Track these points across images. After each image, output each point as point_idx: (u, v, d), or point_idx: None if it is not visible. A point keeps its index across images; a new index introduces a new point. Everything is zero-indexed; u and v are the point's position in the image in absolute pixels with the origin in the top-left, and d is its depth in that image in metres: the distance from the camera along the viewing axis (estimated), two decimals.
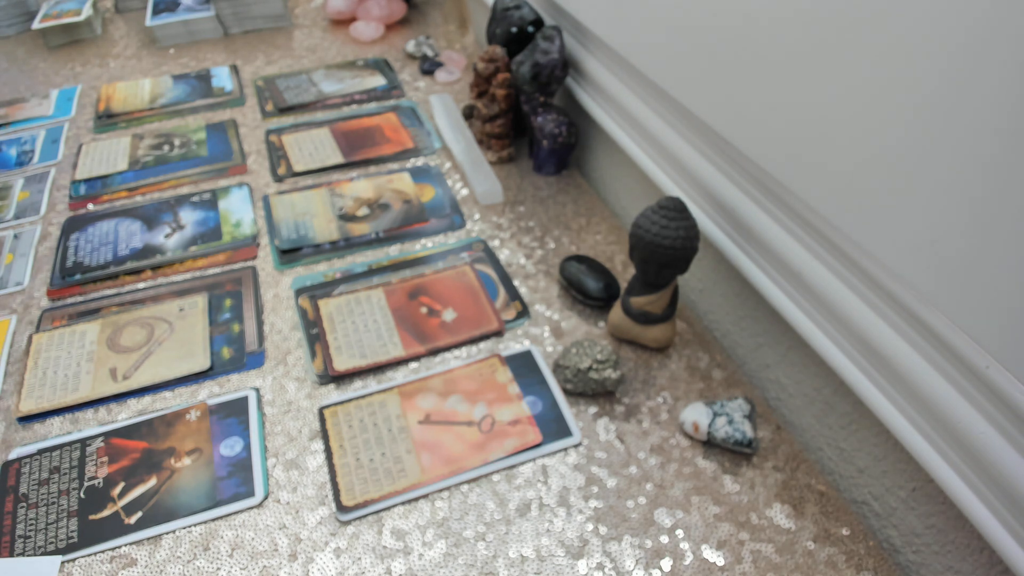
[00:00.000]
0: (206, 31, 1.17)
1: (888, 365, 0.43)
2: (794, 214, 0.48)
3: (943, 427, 0.40)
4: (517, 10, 0.82)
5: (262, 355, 0.61)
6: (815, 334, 0.49)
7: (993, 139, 0.32)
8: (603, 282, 0.63)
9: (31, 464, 0.53)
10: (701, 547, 0.47)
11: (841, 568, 0.46)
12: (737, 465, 0.52)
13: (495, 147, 0.84)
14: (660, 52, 0.59)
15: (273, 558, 0.47)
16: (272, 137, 0.90)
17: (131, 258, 0.71)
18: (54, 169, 0.86)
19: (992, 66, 0.31)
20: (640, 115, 0.66)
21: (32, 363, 0.60)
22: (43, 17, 1.14)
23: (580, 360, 0.55)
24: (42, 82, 1.07)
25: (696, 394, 0.57)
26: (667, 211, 0.52)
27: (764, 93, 0.47)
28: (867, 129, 0.39)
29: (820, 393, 0.53)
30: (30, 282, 0.69)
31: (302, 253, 0.71)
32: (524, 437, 0.53)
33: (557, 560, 0.46)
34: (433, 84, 1.02)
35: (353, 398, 0.57)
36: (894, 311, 0.42)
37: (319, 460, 0.53)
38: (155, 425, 0.55)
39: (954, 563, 0.44)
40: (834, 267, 0.46)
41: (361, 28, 1.15)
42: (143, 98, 1.00)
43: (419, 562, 0.46)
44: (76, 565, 0.47)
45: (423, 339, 0.61)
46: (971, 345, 0.37)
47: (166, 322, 0.64)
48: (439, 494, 0.50)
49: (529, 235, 0.73)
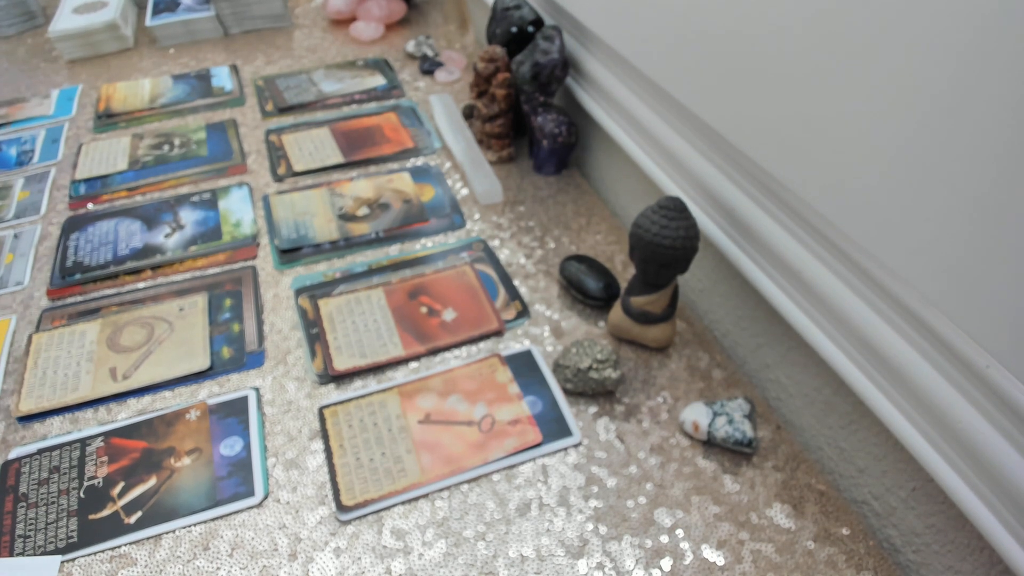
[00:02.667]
0: (206, 31, 1.17)
1: (888, 365, 0.43)
2: (794, 214, 0.48)
3: (943, 427, 0.40)
4: (517, 10, 0.82)
5: (262, 355, 0.61)
6: (815, 334, 0.49)
7: (993, 139, 0.32)
8: (603, 282, 0.63)
9: (31, 464, 0.53)
10: (701, 547, 0.47)
11: (841, 568, 0.46)
12: (737, 465, 0.52)
13: (495, 147, 0.84)
14: (660, 52, 0.59)
15: (273, 558, 0.47)
16: (272, 137, 0.90)
17: (131, 258, 0.71)
18: (54, 169, 0.86)
19: (992, 66, 0.31)
20: (640, 115, 0.66)
21: (32, 363, 0.60)
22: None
23: (580, 360, 0.55)
24: (42, 82, 1.07)
25: (696, 394, 0.57)
26: (667, 211, 0.52)
27: (764, 92, 0.47)
28: (867, 129, 0.39)
29: (820, 393, 0.53)
30: (30, 282, 0.69)
31: (302, 253, 0.71)
32: (524, 437, 0.53)
33: (557, 560, 0.46)
34: (433, 84, 1.02)
35: (353, 398, 0.57)
36: (894, 311, 0.42)
37: (319, 460, 0.53)
38: (155, 425, 0.55)
39: (954, 563, 0.44)
40: (834, 267, 0.46)
41: (361, 28, 1.15)
42: (143, 98, 1.00)
43: (419, 562, 0.46)
44: (76, 565, 0.47)
45: (423, 339, 0.61)
46: (971, 345, 0.37)
47: (166, 322, 0.64)
48: (439, 494, 0.50)
49: (529, 235, 0.73)
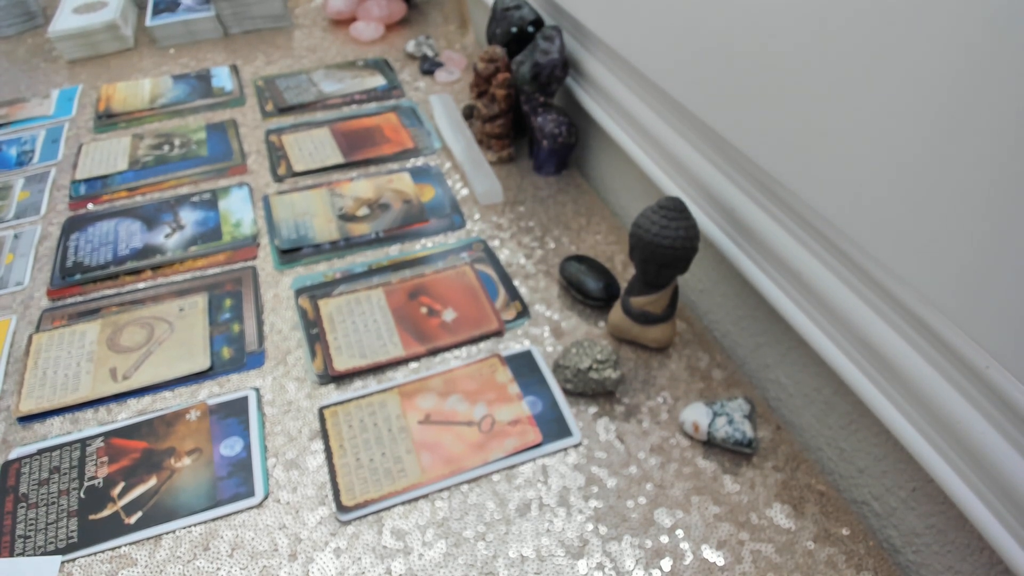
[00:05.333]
0: (206, 31, 1.17)
1: (888, 365, 0.43)
2: (794, 214, 0.48)
3: (943, 427, 0.40)
4: (517, 10, 0.82)
5: (262, 355, 0.61)
6: (815, 334, 0.49)
7: (993, 139, 0.32)
8: (603, 282, 0.63)
9: (31, 464, 0.53)
10: (701, 547, 0.47)
11: (841, 568, 0.46)
12: (737, 465, 0.52)
13: (495, 147, 0.84)
14: (660, 52, 0.59)
15: (273, 558, 0.47)
16: (272, 137, 0.90)
17: (131, 258, 0.71)
18: (54, 169, 0.86)
19: (992, 67, 0.31)
20: (640, 115, 0.66)
21: (32, 363, 0.60)
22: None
23: (580, 360, 0.55)
24: (42, 82, 1.07)
25: (696, 394, 0.57)
26: (667, 211, 0.52)
27: (764, 93, 0.47)
28: (867, 129, 0.39)
29: (820, 393, 0.53)
30: (30, 282, 0.69)
31: (302, 253, 0.71)
32: (524, 437, 0.53)
33: (557, 560, 0.46)
34: (433, 84, 1.02)
35: (353, 398, 0.57)
36: (894, 311, 0.42)
37: (319, 460, 0.53)
38: (155, 425, 0.55)
39: (954, 563, 0.44)
40: (834, 267, 0.46)
41: (361, 28, 1.15)
42: (143, 98, 1.00)
43: (419, 562, 0.46)
44: (76, 565, 0.47)
45: (423, 339, 0.61)
46: (971, 345, 0.37)
47: (166, 322, 0.64)
48: (439, 494, 0.50)
49: (529, 235, 0.73)
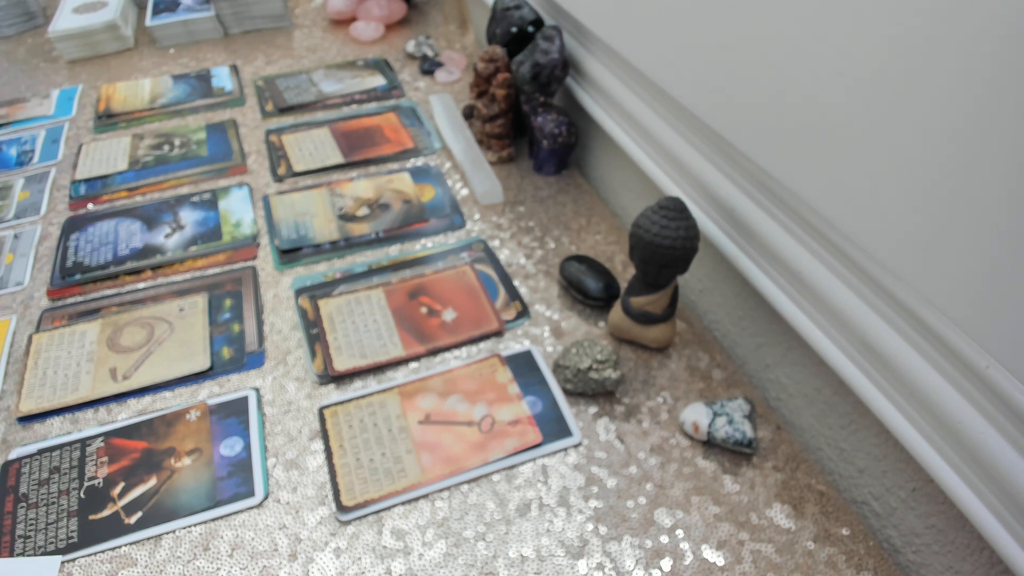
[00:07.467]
0: (206, 31, 1.17)
1: (888, 365, 0.43)
2: (794, 214, 0.48)
3: (943, 427, 0.40)
4: (517, 10, 0.82)
5: (262, 355, 0.61)
6: (815, 334, 0.49)
7: (993, 139, 0.32)
8: (603, 282, 0.63)
9: (31, 464, 0.53)
10: (701, 547, 0.47)
11: (841, 568, 0.46)
12: (737, 465, 0.52)
13: (495, 147, 0.84)
14: (660, 52, 0.59)
15: (273, 558, 0.47)
16: (272, 137, 0.90)
17: (131, 258, 0.71)
18: (54, 169, 0.86)
19: (993, 67, 0.31)
20: (640, 115, 0.66)
21: (32, 363, 0.60)
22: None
23: (580, 360, 0.55)
24: (42, 82, 1.07)
25: (696, 394, 0.57)
26: (667, 211, 0.52)
27: (764, 92, 0.47)
28: (867, 129, 0.39)
29: (820, 393, 0.53)
30: (30, 282, 0.69)
31: (302, 253, 0.71)
32: (524, 437, 0.53)
33: (557, 560, 0.46)
34: (433, 84, 1.02)
35: (353, 398, 0.57)
36: (894, 311, 0.42)
37: (319, 460, 0.53)
38: (155, 425, 0.55)
39: (954, 563, 0.44)
40: (834, 267, 0.46)
41: (361, 28, 1.15)
42: (143, 98, 0.99)
43: (419, 562, 0.46)
44: (76, 565, 0.47)
45: (423, 339, 0.61)
46: (971, 345, 0.37)
47: (166, 322, 0.64)
48: (439, 494, 0.50)
49: (529, 235, 0.73)
